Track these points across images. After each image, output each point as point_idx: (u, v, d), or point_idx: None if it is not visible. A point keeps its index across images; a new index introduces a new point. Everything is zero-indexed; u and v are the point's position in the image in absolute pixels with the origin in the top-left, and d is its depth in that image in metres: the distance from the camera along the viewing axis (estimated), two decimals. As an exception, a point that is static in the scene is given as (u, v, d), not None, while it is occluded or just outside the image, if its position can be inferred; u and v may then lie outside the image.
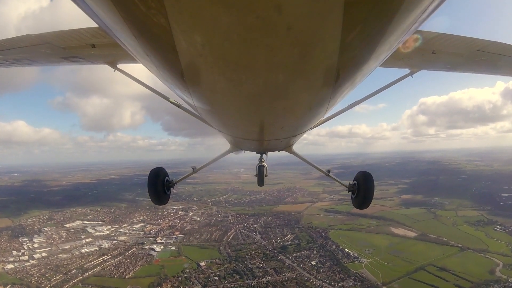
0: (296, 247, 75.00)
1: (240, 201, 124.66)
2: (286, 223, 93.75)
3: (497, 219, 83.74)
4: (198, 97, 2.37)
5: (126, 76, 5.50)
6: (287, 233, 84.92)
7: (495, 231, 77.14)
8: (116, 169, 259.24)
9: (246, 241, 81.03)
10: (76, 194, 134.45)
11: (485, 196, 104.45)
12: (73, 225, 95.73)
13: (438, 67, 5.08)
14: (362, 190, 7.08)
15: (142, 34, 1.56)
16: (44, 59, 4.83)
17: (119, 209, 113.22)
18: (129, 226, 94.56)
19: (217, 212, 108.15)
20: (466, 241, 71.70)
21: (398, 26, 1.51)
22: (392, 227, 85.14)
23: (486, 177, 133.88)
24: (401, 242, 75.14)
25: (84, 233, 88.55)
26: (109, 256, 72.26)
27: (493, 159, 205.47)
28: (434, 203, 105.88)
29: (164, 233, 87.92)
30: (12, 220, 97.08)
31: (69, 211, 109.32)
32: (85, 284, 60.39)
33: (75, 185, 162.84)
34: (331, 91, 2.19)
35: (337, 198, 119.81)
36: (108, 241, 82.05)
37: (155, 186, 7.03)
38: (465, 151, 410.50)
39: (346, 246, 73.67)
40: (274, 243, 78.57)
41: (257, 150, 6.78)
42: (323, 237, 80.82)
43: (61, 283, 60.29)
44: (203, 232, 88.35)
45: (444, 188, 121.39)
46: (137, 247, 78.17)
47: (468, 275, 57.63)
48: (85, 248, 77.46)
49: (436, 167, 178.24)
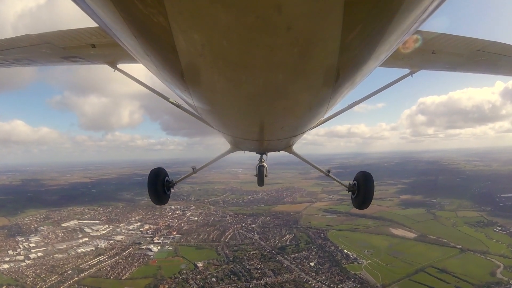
0: (295, 248, 74.32)
1: (239, 200, 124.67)
2: (284, 223, 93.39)
3: (497, 220, 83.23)
4: (198, 97, 2.35)
5: (126, 76, 5.54)
6: (285, 234, 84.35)
7: (495, 232, 76.59)
8: (115, 169, 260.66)
9: (244, 241, 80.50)
10: (73, 194, 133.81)
11: (485, 197, 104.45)
12: (69, 224, 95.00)
13: (438, 67, 5.08)
14: (362, 190, 7.06)
15: (142, 34, 1.57)
16: (44, 59, 4.80)
17: (117, 208, 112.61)
18: (126, 226, 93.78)
19: (215, 212, 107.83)
20: (466, 242, 71.13)
21: (398, 26, 1.51)
22: (391, 227, 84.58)
23: (485, 177, 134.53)
24: (401, 243, 74.58)
25: (80, 233, 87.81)
26: (106, 257, 71.44)
27: (492, 159, 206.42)
28: (433, 203, 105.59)
29: (162, 233, 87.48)
30: (9, 219, 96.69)
31: (66, 210, 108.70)
32: (81, 285, 59.61)
33: (73, 184, 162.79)
34: (331, 91, 2.16)
35: (336, 198, 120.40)
36: (105, 241, 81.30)
37: (155, 186, 7.10)
38: (464, 151, 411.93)
39: (345, 247, 73.03)
40: (272, 243, 77.95)
41: (257, 150, 6.83)
42: (322, 237, 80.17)
43: (56, 284, 59.54)
44: (200, 232, 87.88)
45: (443, 189, 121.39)
46: (134, 247, 77.52)
47: (469, 277, 57.06)
48: (81, 248, 76.67)
49: (435, 167, 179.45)
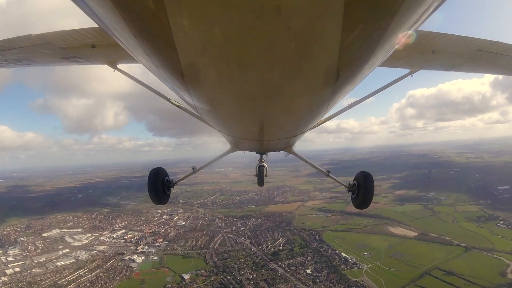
0: (289, 253, 68.74)
1: (228, 202, 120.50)
2: (276, 225, 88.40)
3: (499, 214, 79.79)
4: (198, 97, 2.34)
5: (126, 76, 5.46)
6: (278, 237, 78.97)
7: (498, 227, 72.92)
8: (103, 172, 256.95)
9: (234, 247, 74.77)
10: (58, 200, 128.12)
11: (482, 189, 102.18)
12: (51, 234, 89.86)
13: (438, 67, 5.00)
14: (362, 190, 6.85)
15: (142, 34, 1.56)
16: (44, 59, 4.68)
17: (101, 214, 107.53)
18: (109, 234, 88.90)
19: (203, 215, 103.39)
20: (470, 240, 67.01)
21: (398, 26, 1.50)
22: (389, 226, 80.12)
23: (479, 170, 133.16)
24: (401, 242, 69.93)
25: (61, 243, 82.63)
26: (86, 270, 65.93)
27: (483, 150, 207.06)
28: (430, 198, 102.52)
29: (146, 241, 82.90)
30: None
31: (48, 218, 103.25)
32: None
33: (59, 190, 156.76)
34: (331, 91, 2.16)
35: (328, 196, 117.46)
36: (86, 252, 76.04)
37: (155, 186, 6.87)
38: (453, 143, 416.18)
39: (342, 249, 67.89)
40: (264, 248, 72.29)
41: (257, 150, 6.67)
42: (317, 240, 74.97)
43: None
44: (188, 238, 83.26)
45: (438, 182, 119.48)
46: (117, 258, 72.53)
47: (478, 278, 52.72)
48: (61, 260, 71.40)
49: (427, 160, 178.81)
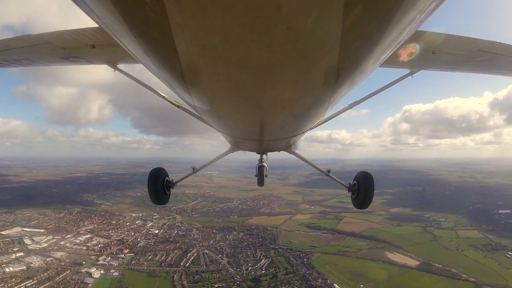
0: (272, 280, 58.45)
1: (209, 209, 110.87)
2: (260, 241, 78.56)
3: (506, 242, 72.27)
4: (198, 97, 2.35)
5: (126, 76, 5.45)
6: (260, 257, 68.91)
7: (507, 259, 65.07)
8: (87, 166, 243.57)
9: (208, 267, 64.43)
10: (30, 193, 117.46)
11: (481, 213, 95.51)
12: (11, 232, 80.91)
13: (438, 67, 4.96)
14: (362, 190, 6.91)
15: (142, 34, 1.55)
16: (44, 59, 4.71)
17: (70, 214, 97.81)
18: (73, 238, 79.46)
19: (180, 224, 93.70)
20: (479, 274, 58.60)
21: (398, 26, 1.50)
22: (387, 251, 71.12)
23: (475, 190, 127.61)
24: (403, 273, 60.68)
25: (18, 244, 73.60)
26: (35, 281, 57.03)
27: (474, 170, 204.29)
28: (428, 219, 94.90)
29: (111, 251, 72.73)
30: None
31: (13, 214, 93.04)
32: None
33: (35, 182, 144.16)
34: (331, 91, 2.17)
35: (318, 210, 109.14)
36: (41, 259, 66.53)
37: (155, 186, 6.90)
38: (444, 161, 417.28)
39: (335, 278, 58.19)
40: (244, 271, 62.04)
41: (257, 150, 6.73)
42: (305, 264, 65.03)
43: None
44: (158, 251, 73.18)
45: (433, 201, 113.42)
46: (72, 269, 62.72)
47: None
48: (11, 266, 62.74)
49: (419, 177, 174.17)
